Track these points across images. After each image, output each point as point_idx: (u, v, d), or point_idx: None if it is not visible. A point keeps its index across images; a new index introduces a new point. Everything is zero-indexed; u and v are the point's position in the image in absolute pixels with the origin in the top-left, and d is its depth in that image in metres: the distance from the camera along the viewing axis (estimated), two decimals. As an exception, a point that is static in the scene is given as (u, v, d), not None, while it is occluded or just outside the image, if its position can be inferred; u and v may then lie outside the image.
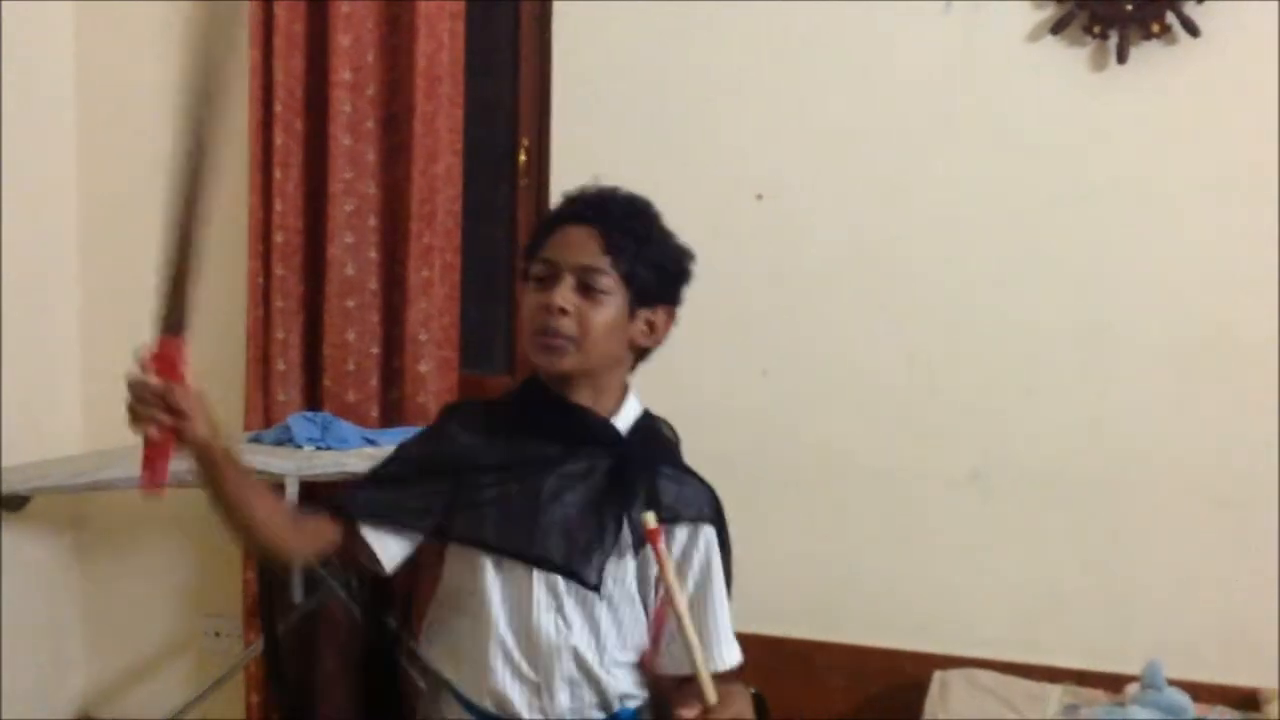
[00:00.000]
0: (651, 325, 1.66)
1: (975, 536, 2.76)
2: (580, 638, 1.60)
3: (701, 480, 1.69)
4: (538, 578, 1.58)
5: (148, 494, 1.46)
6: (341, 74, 2.89)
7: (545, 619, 1.58)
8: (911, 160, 2.74)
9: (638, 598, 1.64)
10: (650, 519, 1.50)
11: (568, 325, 1.56)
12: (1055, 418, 2.70)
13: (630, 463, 1.61)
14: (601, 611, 1.60)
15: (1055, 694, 2.52)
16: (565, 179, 2.95)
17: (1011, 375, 2.72)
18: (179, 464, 2.59)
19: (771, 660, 2.45)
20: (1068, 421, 2.69)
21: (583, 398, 1.63)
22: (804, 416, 2.83)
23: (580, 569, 1.57)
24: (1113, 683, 2.54)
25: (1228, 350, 2.59)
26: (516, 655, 1.59)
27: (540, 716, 1.60)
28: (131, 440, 2.98)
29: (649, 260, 1.62)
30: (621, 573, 1.61)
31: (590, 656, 1.60)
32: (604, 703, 1.63)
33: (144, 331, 3.13)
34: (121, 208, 3.22)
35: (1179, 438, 2.63)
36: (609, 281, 1.59)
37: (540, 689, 1.59)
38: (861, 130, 2.77)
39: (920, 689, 2.59)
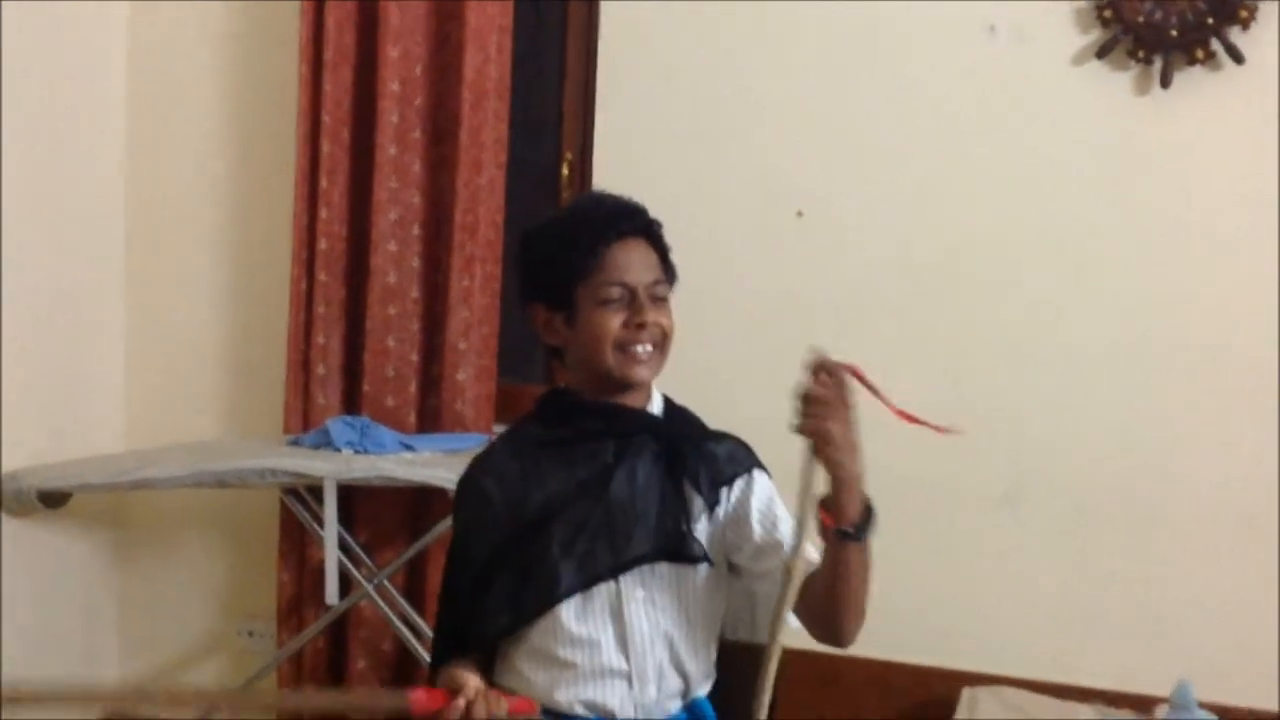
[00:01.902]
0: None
1: (1007, 554, 2.77)
2: (672, 622, 1.65)
3: (733, 436, 1.79)
4: (627, 579, 1.64)
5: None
6: (390, 85, 2.93)
7: (638, 613, 1.63)
8: (952, 181, 2.77)
9: (716, 560, 1.70)
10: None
11: (654, 336, 1.67)
12: (1089, 437, 2.71)
13: (680, 439, 1.71)
14: (689, 587, 1.66)
15: (1085, 714, 2.52)
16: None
17: (1047, 394, 2.73)
18: (224, 465, 2.68)
19: (800, 674, 2.44)
20: (1102, 441, 2.71)
21: (637, 399, 1.72)
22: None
23: (683, 547, 1.64)
24: (1142, 704, 2.55)
25: (1262, 372, 2.60)
26: (609, 657, 1.63)
27: (632, 712, 1.63)
28: (171, 440, 3.08)
29: (668, 253, 1.74)
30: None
31: (680, 638, 1.65)
32: (685, 689, 1.68)
33: (186, 331, 3.24)
34: (168, 208, 3.28)
35: (1213, 458, 2.64)
36: (665, 287, 1.71)
37: (632, 680, 1.63)
38: (903, 150, 2.80)
39: (949, 706, 2.59)
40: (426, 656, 2.85)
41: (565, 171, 3.09)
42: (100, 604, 3.32)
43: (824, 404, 1.53)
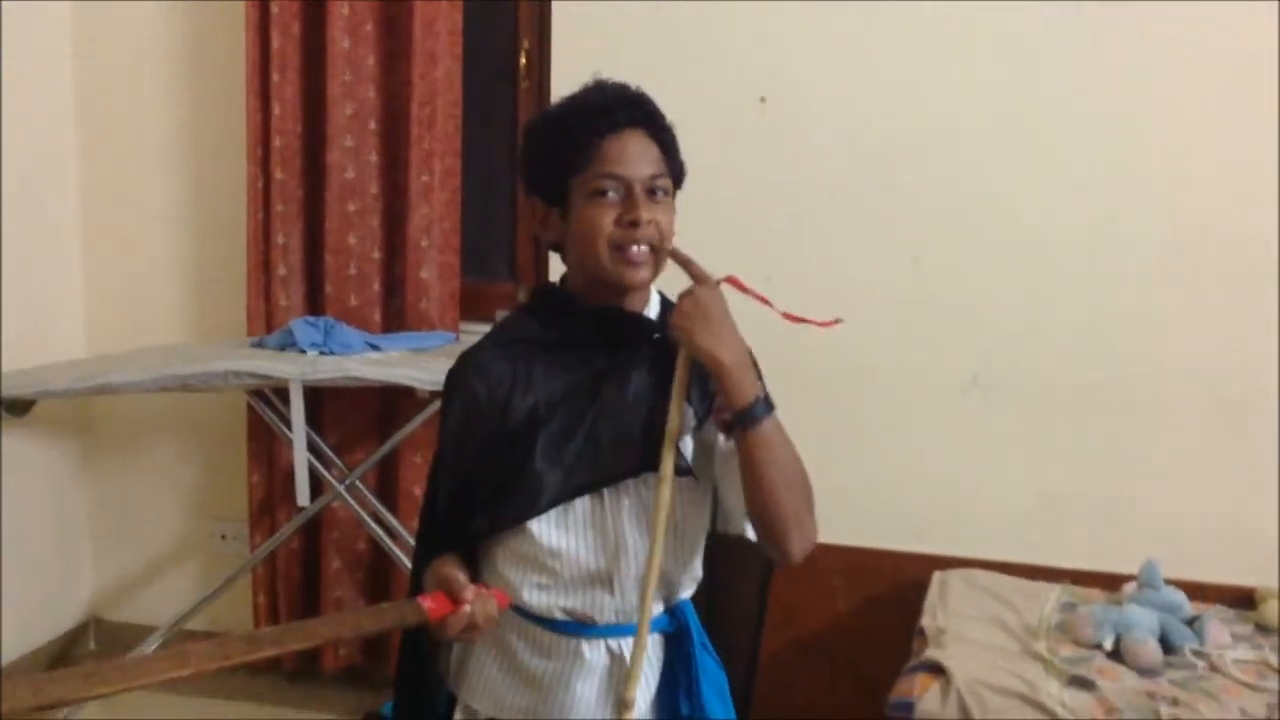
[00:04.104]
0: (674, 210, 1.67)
1: (976, 440, 2.78)
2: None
3: None
4: (611, 490, 1.57)
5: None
6: (339, -25, 2.84)
7: (622, 524, 1.57)
8: (915, 64, 2.72)
9: (704, 470, 1.64)
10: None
11: (651, 234, 1.55)
12: (1057, 320, 2.71)
13: (673, 346, 1.59)
14: (681, 495, 1.59)
15: (1053, 593, 2.55)
16: (566, 82, 2.94)
17: (1013, 278, 2.72)
18: (187, 368, 2.64)
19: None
20: (1069, 323, 2.70)
21: (636, 302, 1.63)
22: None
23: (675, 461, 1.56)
24: (1110, 582, 2.57)
25: (1229, 251, 2.60)
26: (590, 565, 1.58)
27: (614, 619, 1.58)
28: (134, 344, 3.04)
29: (675, 149, 1.62)
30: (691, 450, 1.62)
31: (666, 546, 1.58)
32: (669, 595, 1.63)
33: (144, 234, 3.18)
34: (118, 110, 3.20)
35: (1180, 339, 2.64)
36: (667, 182, 1.58)
37: (614, 588, 1.58)
38: (864, 33, 2.74)
39: (920, 589, 2.62)
40: (401, 555, 2.87)
41: (523, 61, 3.01)
42: (70, 511, 3.31)
43: (690, 309, 1.50)
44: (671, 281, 1.73)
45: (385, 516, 2.95)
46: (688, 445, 1.60)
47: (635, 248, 1.55)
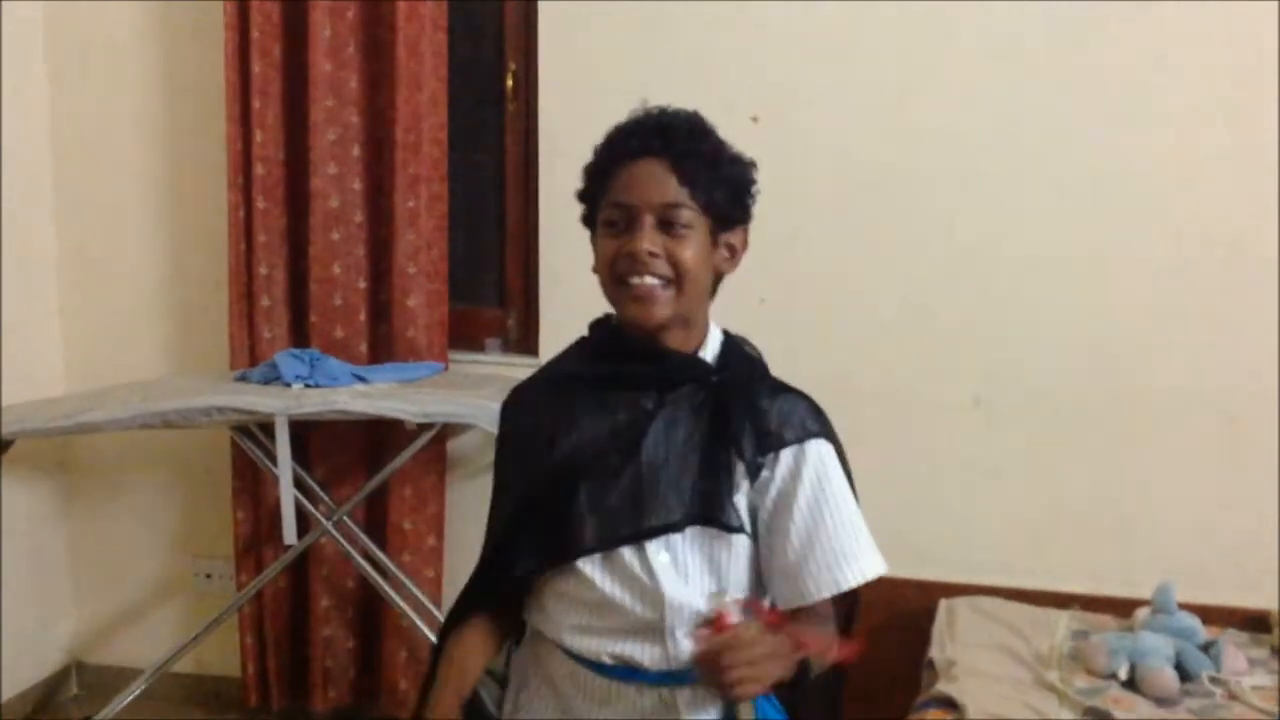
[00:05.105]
0: (732, 249, 1.57)
1: (978, 462, 2.72)
2: (705, 586, 1.50)
3: (797, 393, 1.59)
4: (651, 543, 1.49)
5: None
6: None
7: (665, 577, 1.48)
8: (911, 81, 2.67)
9: (749, 529, 1.54)
10: (720, 600, 1.44)
11: (660, 268, 1.47)
12: (1058, 339, 2.65)
13: (729, 393, 1.53)
14: (723, 554, 1.50)
15: (1063, 620, 2.48)
16: (555, 103, 2.91)
17: (1013, 297, 2.66)
18: (169, 404, 2.57)
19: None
20: (1071, 343, 2.64)
21: (675, 340, 1.54)
22: (802, 344, 2.75)
23: (718, 514, 1.48)
24: (1121, 607, 2.51)
25: (1233, 263, 2.55)
26: (637, 615, 1.49)
27: (664, 665, 1.50)
28: (113, 379, 2.97)
29: (723, 181, 1.52)
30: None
31: (709, 605, 1.50)
32: None
33: (123, 267, 3.11)
34: (95, 138, 3.13)
35: (1183, 355, 2.59)
36: (690, 214, 1.49)
37: (664, 636, 1.49)
38: (859, 52, 2.68)
39: (924, 618, 2.55)
40: (391, 593, 2.80)
41: (510, 82, 2.95)
42: (51, 552, 3.23)
43: (743, 654, 1.32)
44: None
45: (374, 552, 2.88)
46: (742, 500, 1.51)
47: (637, 280, 1.47)
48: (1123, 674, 2.22)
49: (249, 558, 3.02)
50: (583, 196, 1.56)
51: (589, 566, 1.50)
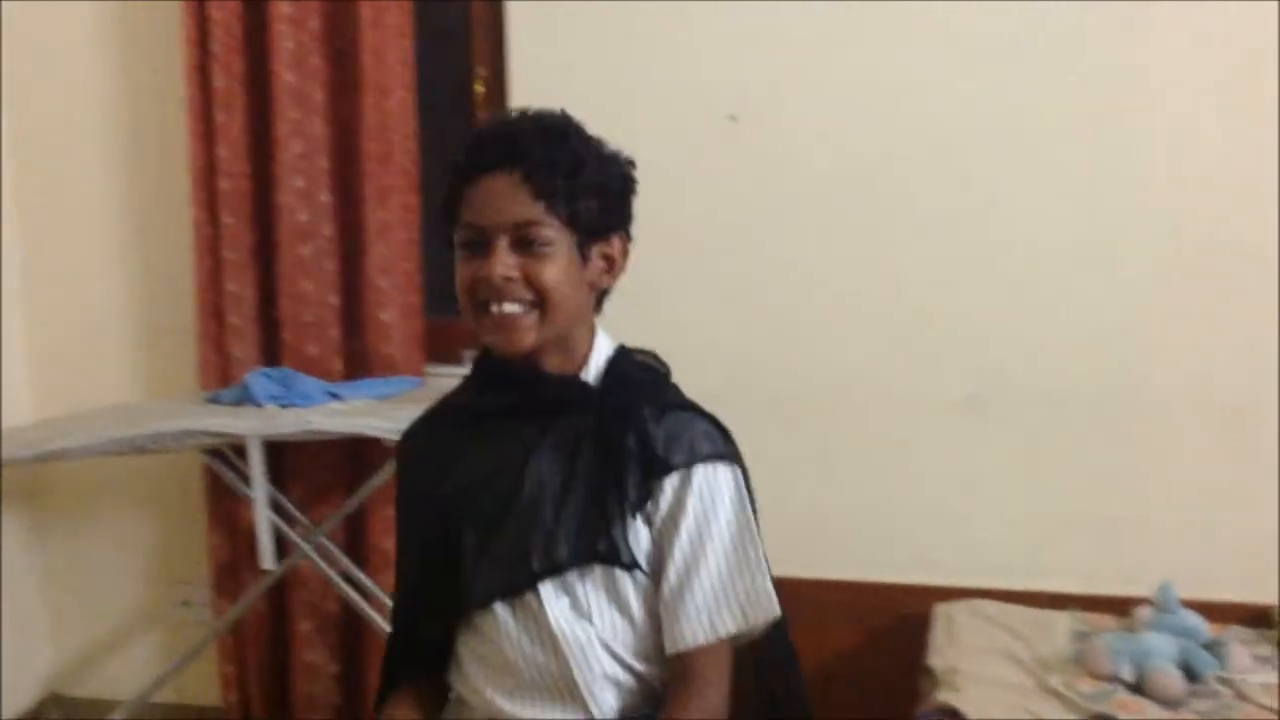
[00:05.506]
0: (609, 259, 1.47)
1: (973, 461, 2.65)
2: (611, 628, 1.42)
3: (692, 411, 1.46)
4: (546, 586, 1.39)
5: None
6: (281, 7, 2.71)
7: (565, 622, 1.39)
8: (896, 73, 2.59)
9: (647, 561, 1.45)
10: None
11: (519, 292, 1.37)
12: (1054, 334, 2.58)
13: (612, 419, 1.41)
14: (626, 590, 1.41)
15: (1063, 621, 2.42)
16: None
17: (1005, 292, 2.60)
18: (139, 429, 2.49)
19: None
20: (1066, 338, 2.58)
21: (552, 363, 1.45)
22: (789, 346, 2.71)
23: (607, 550, 1.38)
24: (1120, 606, 2.45)
25: (1231, 258, 2.48)
26: (548, 669, 1.41)
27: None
28: (82, 405, 2.89)
29: (588, 189, 1.41)
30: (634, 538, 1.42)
31: (626, 645, 1.42)
32: (652, 693, 1.45)
33: (87, 290, 3.02)
34: (54, 159, 3.05)
35: (1181, 349, 2.53)
36: (550, 231, 1.38)
37: (577, 693, 1.41)
38: (839, 46, 2.61)
39: (920, 622, 2.49)
40: (374, 615, 2.72)
41: (480, 89, 2.88)
42: (23, 583, 3.13)
43: None
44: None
45: (354, 574, 2.80)
46: (637, 531, 1.40)
47: (495, 306, 1.37)
48: (1128, 676, 2.16)
49: (227, 583, 2.94)
50: (441, 216, 1.46)
51: (488, 620, 1.41)
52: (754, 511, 1.47)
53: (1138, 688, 2.14)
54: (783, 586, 1.50)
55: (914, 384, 2.65)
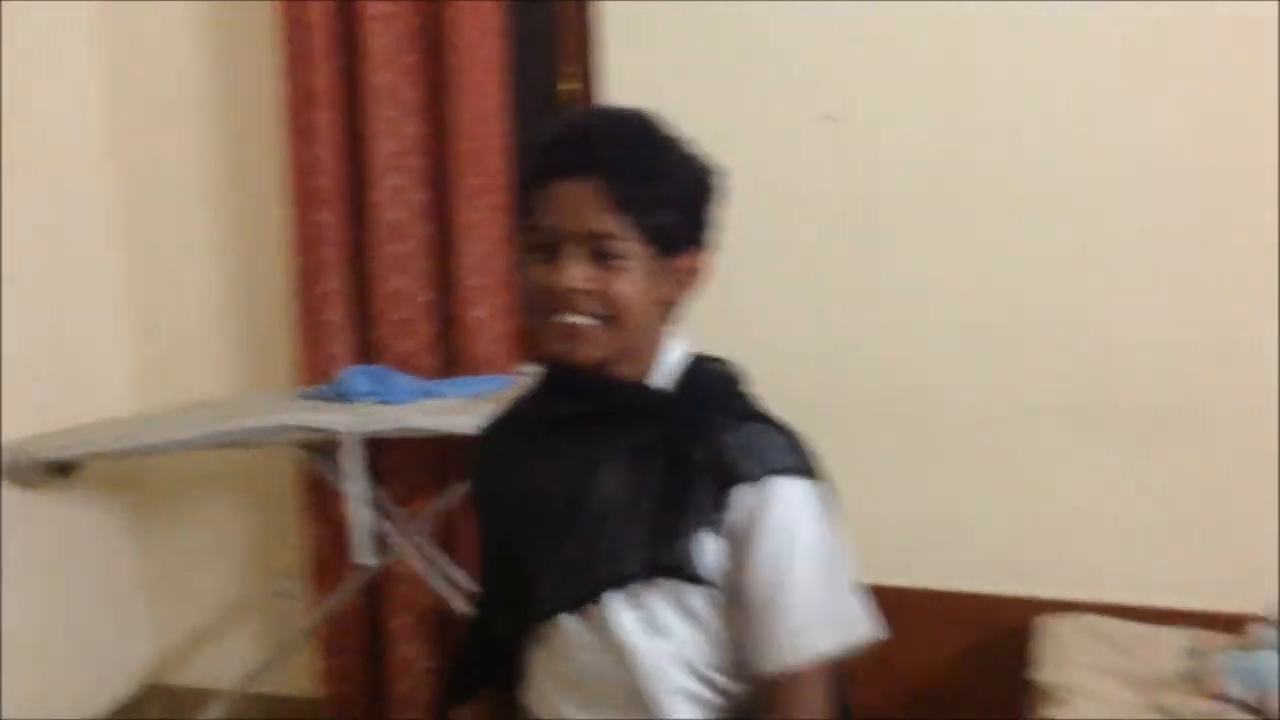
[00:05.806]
0: (688, 273, 1.41)
1: (1077, 470, 2.57)
2: (681, 643, 1.38)
3: (769, 422, 1.40)
4: (615, 599, 1.36)
5: None
6: (373, 6, 2.70)
7: (631, 636, 1.36)
8: (999, 74, 2.50)
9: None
10: None
11: (589, 305, 1.32)
12: (1165, 339, 2.48)
13: (682, 429, 1.36)
14: (695, 605, 1.37)
15: (1174, 637, 2.34)
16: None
17: (1113, 298, 2.50)
18: (236, 424, 2.52)
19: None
20: (1179, 342, 2.48)
21: (619, 370, 1.39)
22: (886, 352, 2.64)
23: (676, 562, 1.33)
24: (1231, 622, 2.36)
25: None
26: (612, 681, 1.38)
27: None
28: (179, 399, 2.93)
29: (669, 201, 1.34)
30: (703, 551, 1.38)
31: (701, 659, 1.38)
32: (735, 709, 1.41)
33: (187, 285, 3.07)
34: (155, 157, 3.08)
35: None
36: (627, 244, 1.32)
37: (648, 706, 1.37)
38: (940, 46, 2.52)
39: (1019, 635, 2.44)
40: (467, 611, 2.72)
41: (573, 87, 2.85)
42: (122, 575, 3.19)
43: None
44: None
45: (448, 570, 2.81)
46: (709, 544, 1.35)
47: (558, 317, 1.31)
48: (1245, 697, 2.08)
49: (321, 576, 2.96)
50: (518, 214, 1.40)
51: (556, 633, 1.38)
52: (837, 527, 1.41)
53: (1255, 708, 2.07)
54: (876, 596, 1.44)
55: (1014, 387, 2.58)
